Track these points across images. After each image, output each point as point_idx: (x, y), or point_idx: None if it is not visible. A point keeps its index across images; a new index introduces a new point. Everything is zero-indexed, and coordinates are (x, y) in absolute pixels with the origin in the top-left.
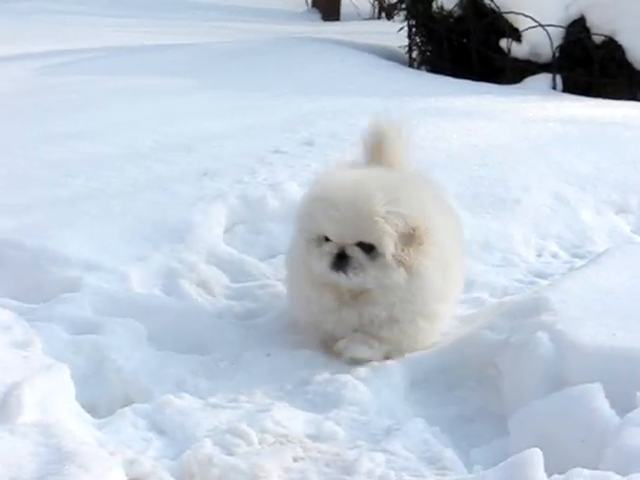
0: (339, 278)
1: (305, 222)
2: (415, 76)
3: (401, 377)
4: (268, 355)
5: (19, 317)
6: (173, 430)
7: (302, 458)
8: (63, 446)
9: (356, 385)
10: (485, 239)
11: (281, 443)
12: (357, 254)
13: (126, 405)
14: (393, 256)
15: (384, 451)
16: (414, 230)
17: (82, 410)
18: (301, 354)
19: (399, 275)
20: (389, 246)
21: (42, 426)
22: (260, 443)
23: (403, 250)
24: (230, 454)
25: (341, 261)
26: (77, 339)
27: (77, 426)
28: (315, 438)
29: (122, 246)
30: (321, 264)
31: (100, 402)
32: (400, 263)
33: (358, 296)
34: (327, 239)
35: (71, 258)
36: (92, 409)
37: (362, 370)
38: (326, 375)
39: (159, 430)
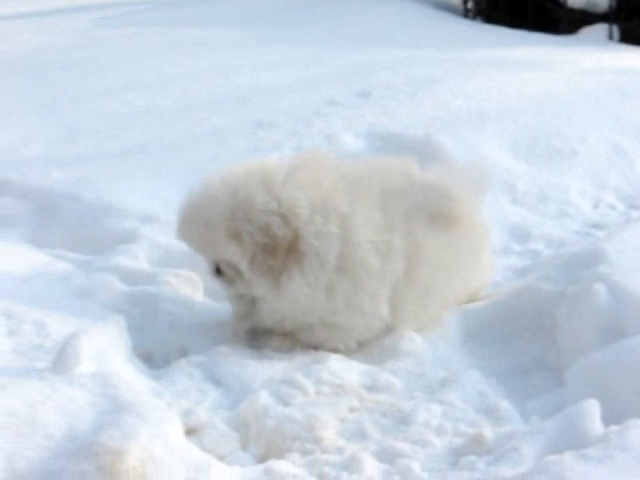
0: (223, 287)
1: (180, 239)
2: (470, 27)
3: (456, 329)
4: None
5: (76, 269)
6: (229, 381)
7: (358, 409)
8: (120, 396)
9: (412, 337)
10: (541, 191)
11: (337, 394)
12: (227, 269)
13: (182, 356)
14: (254, 270)
15: (440, 402)
16: (275, 239)
17: (138, 361)
18: None
19: (264, 288)
20: (243, 263)
21: (99, 377)
22: (316, 394)
23: (267, 264)
24: (286, 405)
25: (217, 274)
26: (133, 290)
27: (134, 377)
28: (371, 389)
29: (178, 198)
30: (209, 274)
31: (156, 353)
32: (266, 275)
33: (253, 303)
34: None
35: (127, 210)
36: (148, 360)
37: None
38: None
39: (215, 381)
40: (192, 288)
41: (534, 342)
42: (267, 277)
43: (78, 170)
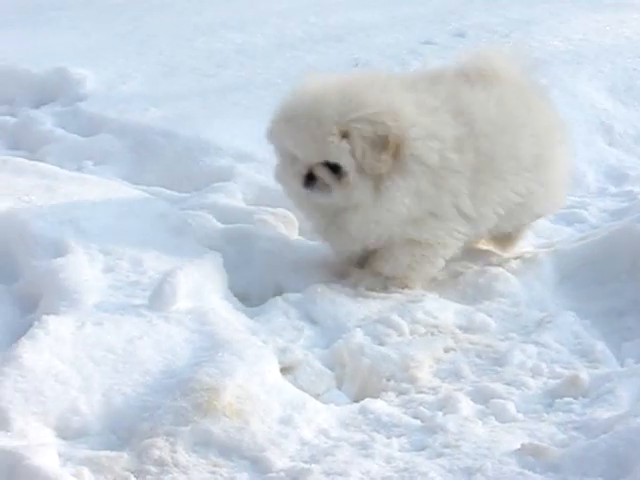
0: (312, 197)
1: (274, 141)
2: None
3: (552, 270)
4: None
5: (172, 205)
6: (324, 319)
7: (453, 349)
8: (216, 333)
9: (507, 277)
10: (638, 132)
11: (432, 334)
12: (323, 174)
13: (277, 294)
14: (360, 171)
15: (535, 343)
16: (385, 137)
17: (234, 298)
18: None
19: (364, 193)
20: (351, 164)
21: (196, 313)
22: (411, 333)
23: (376, 159)
24: (381, 344)
25: (310, 180)
26: (229, 228)
27: (230, 314)
28: (466, 329)
29: None
30: (295, 183)
31: (251, 291)
32: (370, 177)
33: (338, 216)
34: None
35: (223, 148)
36: (244, 297)
37: (513, 262)
38: (477, 267)
39: (310, 319)
40: (288, 227)
41: (629, 284)
42: (371, 180)
43: (175, 107)
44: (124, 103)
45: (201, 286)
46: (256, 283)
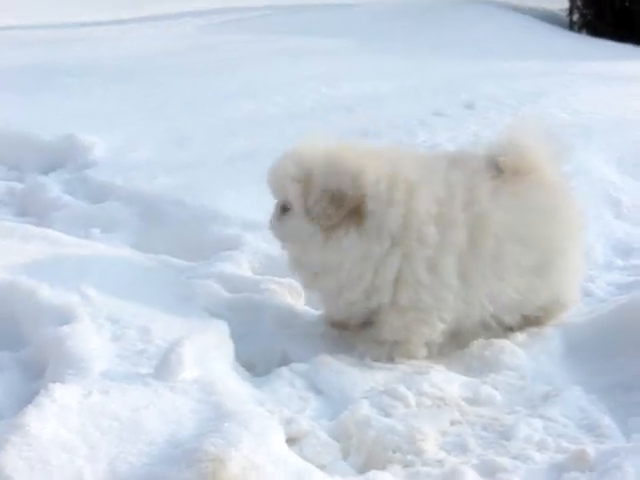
0: (273, 233)
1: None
2: (575, 39)
3: (559, 343)
4: None
5: (180, 274)
6: (330, 390)
7: (459, 422)
8: (223, 404)
9: (514, 350)
10: None
11: (438, 406)
12: (275, 210)
13: (283, 364)
14: (309, 217)
15: (542, 417)
16: (344, 194)
17: (241, 368)
18: None
19: (312, 235)
20: (298, 205)
21: (202, 383)
22: (417, 405)
23: (326, 211)
24: (387, 415)
25: (278, 217)
26: (235, 297)
27: (236, 384)
28: (472, 402)
29: None
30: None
31: (258, 360)
32: (320, 225)
33: (314, 279)
34: None
35: (230, 217)
36: (250, 367)
37: (520, 335)
38: (483, 339)
39: (316, 390)
40: (294, 296)
41: (636, 358)
42: (323, 231)
43: (184, 176)
44: (133, 170)
45: (207, 355)
46: (262, 353)
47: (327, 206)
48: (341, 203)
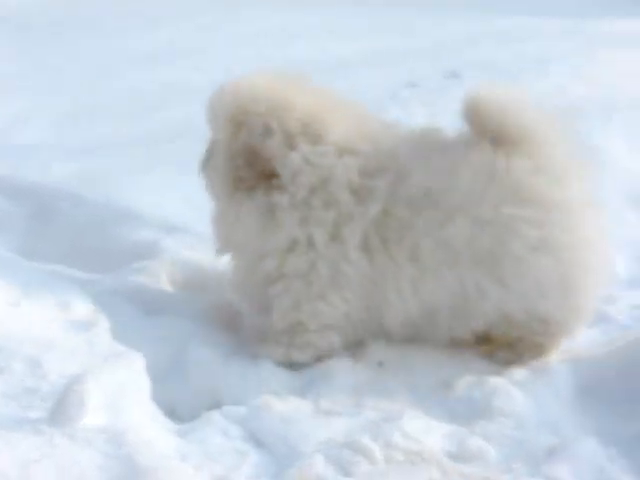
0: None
1: None
2: None
3: (568, 382)
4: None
5: (80, 290)
6: (274, 441)
7: None
8: (136, 458)
9: (509, 391)
10: None
11: (413, 462)
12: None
13: (214, 407)
14: (228, 168)
15: (546, 477)
16: (262, 150)
17: (160, 412)
18: (441, 349)
19: (220, 191)
20: (220, 145)
21: (110, 432)
22: (386, 461)
23: (244, 167)
24: (347, 475)
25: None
26: (152, 321)
27: (153, 433)
28: (457, 457)
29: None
30: None
31: (181, 402)
32: (235, 184)
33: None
34: None
35: (145, 216)
36: (171, 411)
37: (518, 372)
38: (471, 377)
39: (256, 441)
40: (228, 319)
41: None
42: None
43: (86, 162)
44: (22, 156)
45: (117, 396)
46: (187, 393)
47: (242, 165)
48: (255, 160)
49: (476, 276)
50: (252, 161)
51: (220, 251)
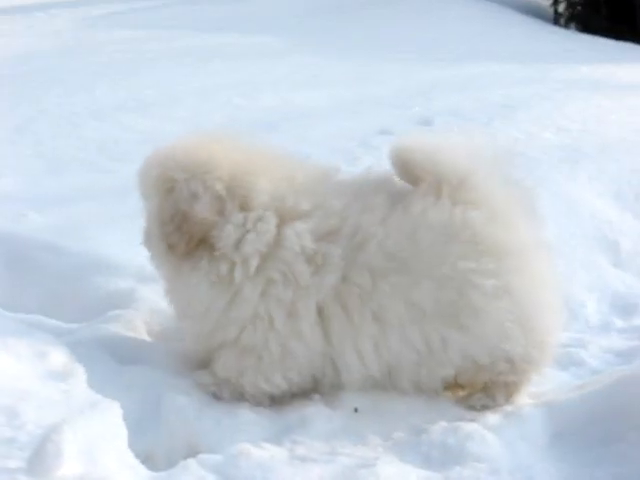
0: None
1: None
2: (561, 36)
3: (541, 427)
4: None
5: (56, 340)
6: None
7: None
8: None
9: (484, 436)
10: None
11: None
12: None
13: (190, 455)
14: (161, 236)
15: None
16: (191, 215)
17: (136, 460)
18: (416, 395)
19: (162, 262)
20: (152, 214)
21: None
22: None
23: (175, 233)
24: None
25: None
26: (128, 369)
27: None
28: None
29: None
30: None
31: (158, 451)
32: (169, 251)
33: None
34: None
35: (120, 265)
36: (148, 459)
37: (492, 417)
38: (445, 422)
39: None
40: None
41: None
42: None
43: (60, 212)
44: None
45: (94, 445)
46: (164, 441)
47: (173, 231)
48: (186, 227)
49: (439, 328)
50: (182, 226)
51: (179, 320)
